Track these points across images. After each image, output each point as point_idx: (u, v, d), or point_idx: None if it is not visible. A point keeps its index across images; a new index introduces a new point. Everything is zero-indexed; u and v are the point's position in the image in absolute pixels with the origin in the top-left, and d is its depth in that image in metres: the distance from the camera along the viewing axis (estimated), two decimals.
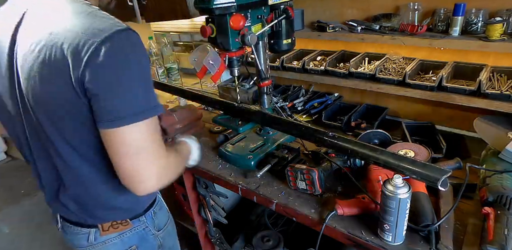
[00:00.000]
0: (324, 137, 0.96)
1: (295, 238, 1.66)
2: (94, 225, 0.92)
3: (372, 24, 1.48)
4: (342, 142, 0.93)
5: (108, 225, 0.92)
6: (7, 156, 3.66)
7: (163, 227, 1.05)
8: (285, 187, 1.16)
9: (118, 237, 0.94)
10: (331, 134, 0.96)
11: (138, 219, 0.96)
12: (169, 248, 1.11)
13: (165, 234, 1.06)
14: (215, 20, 1.07)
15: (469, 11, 1.28)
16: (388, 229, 0.87)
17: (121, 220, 0.93)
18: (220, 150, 1.37)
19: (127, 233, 0.95)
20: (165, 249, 1.08)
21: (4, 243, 2.47)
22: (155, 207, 1.02)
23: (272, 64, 1.75)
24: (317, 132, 0.99)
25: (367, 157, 0.88)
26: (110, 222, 0.92)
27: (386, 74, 1.44)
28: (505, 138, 1.12)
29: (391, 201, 0.83)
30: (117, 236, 0.94)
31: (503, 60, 1.32)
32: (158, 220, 1.02)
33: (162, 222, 1.04)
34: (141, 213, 0.97)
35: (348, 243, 0.97)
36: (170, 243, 1.11)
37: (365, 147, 0.89)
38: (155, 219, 1.01)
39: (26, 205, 2.84)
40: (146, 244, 1.00)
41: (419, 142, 1.30)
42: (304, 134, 1.04)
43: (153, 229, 1.00)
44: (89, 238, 0.93)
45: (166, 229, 1.06)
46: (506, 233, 0.81)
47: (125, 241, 0.95)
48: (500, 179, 0.96)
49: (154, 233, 1.01)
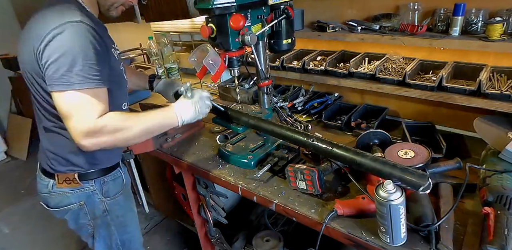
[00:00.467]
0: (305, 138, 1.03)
1: (295, 238, 1.66)
2: (52, 175, 1.14)
3: (372, 24, 1.48)
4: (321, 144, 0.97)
5: (63, 178, 1.13)
6: (7, 156, 3.65)
7: (112, 195, 1.21)
8: (285, 187, 1.16)
9: (70, 192, 1.15)
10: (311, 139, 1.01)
11: (88, 182, 1.15)
12: (117, 216, 1.25)
13: (113, 203, 1.22)
14: (215, 20, 1.07)
15: (469, 11, 1.28)
16: (384, 231, 0.87)
17: (74, 176, 1.12)
18: (220, 150, 1.37)
19: (78, 191, 1.15)
20: (111, 216, 1.23)
21: (4, 243, 2.48)
22: (108, 177, 1.19)
23: (272, 64, 1.75)
24: (292, 131, 1.05)
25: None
26: (64, 176, 1.13)
27: (386, 74, 1.44)
28: (505, 138, 1.12)
29: (383, 207, 0.83)
30: (69, 191, 1.15)
31: (503, 60, 1.32)
32: (107, 188, 1.19)
33: (111, 191, 1.21)
34: (92, 178, 1.15)
35: (348, 243, 0.97)
36: (119, 212, 1.25)
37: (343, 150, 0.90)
38: (104, 186, 1.18)
39: (26, 205, 2.84)
40: (92, 204, 1.19)
41: (419, 142, 1.30)
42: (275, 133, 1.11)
43: (100, 194, 1.18)
44: (48, 187, 1.16)
45: (115, 198, 1.22)
46: (506, 233, 0.81)
47: (75, 196, 1.16)
48: (500, 179, 0.96)
49: (101, 198, 1.19)
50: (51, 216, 1.23)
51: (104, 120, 0.93)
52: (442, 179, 1.08)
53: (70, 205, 1.17)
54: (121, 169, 1.26)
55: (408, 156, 1.07)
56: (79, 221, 1.22)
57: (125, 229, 1.30)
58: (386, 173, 0.87)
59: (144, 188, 2.40)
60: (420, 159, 1.05)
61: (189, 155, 1.42)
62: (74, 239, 2.32)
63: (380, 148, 1.19)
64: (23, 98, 3.72)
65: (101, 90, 0.95)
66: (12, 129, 3.76)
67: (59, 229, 2.46)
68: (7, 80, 3.68)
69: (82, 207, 1.18)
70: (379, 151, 1.17)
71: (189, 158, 1.39)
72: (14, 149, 3.65)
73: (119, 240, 1.29)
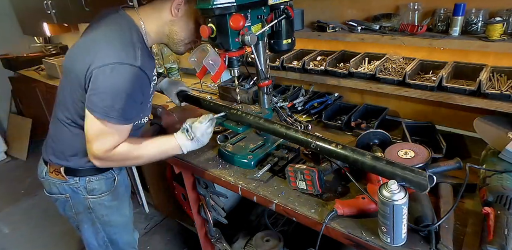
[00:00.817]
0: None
1: (295, 238, 1.66)
2: (47, 163, 1.22)
3: (372, 24, 1.48)
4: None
5: (53, 169, 1.20)
6: (7, 156, 3.66)
7: (97, 194, 1.24)
8: (285, 187, 1.16)
9: (58, 183, 1.22)
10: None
11: (73, 177, 1.20)
12: (102, 215, 1.28)
13: (97, 201, 1.25)
14: (215, 20, 1.07)
15: (469, 11, 1.28)
16: (385, 231, 0.87)
17: (60, 170, 1.19)
18: (220, 150, 1.37)
19: (63, 184, 1.21)
20: (96, 214, 1.27)
21: (4, 243, 2.48)
22: (94, 176, 1.22)
23: (272, 64, 1.74)
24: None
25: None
26: (54, 167, 1.20)
27: (386, 74, 1.44)
28: (505, 138, 1.12)
29: (386, 207, 0.83)
30: (57, 181, 1.22)
31: (503, 60, 1.32)
32: (92, 187, 1.23)
33: (97, 191, 1.24)
34: (78, 175, 1.20)
35: (348, 243, 0.97)
36: (103, 212, 1.28)
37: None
38: (89, 185, 1.22)
39: (26, 205, 2.84)
40: (76, 199, 1.24)
41: (419, 142, 1.30)
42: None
43: (84, 191, 1.22)
44: (43, 172, 1.24)
45: (100, 197, 1.25)
46: (506, 233, 0.81)
47: (61, 188, 1.23)
48: (500, 179, 0.96)
49: (85, 195, 1.23)
50: (51, 216, 1.28)
51: (117, 151, 1.04)
52: (442, 179, 1.07)
53: (58, 194, 1.24)
54: (114, 171, 1.28)
55: (408, 156, 1.07)
56: (66, 211, 1.29)
57: (112, 229, 1.33)
58: (390, 172, 0.86)
59: (144, 188, 2.40)
60: (420, 159, 1.05)
61: (189, 155, 1.41)
62: (74, 239, 2.32)
63: (380, 148, 1.19)
64: (23, 98, 3.72)
65: (128, 126, 1.05)
66: (12, 129, 3.76)
67: (59, 229, 2.45)
68: (7, 80, 3.68)
69: (68, 200, 1.24)
70: (379, 151, 1.17)
71: (189, 158, 1.39)
72: (14, 149, 3.65)
73: (107, 238, 1.33)
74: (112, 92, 0.96)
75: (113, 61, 0.95)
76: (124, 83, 0.96)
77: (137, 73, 0.98)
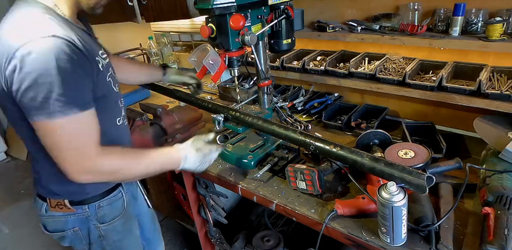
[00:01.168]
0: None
1: (295, 238, 1.66)
2: (45, 199, 1.04)
3: (372, 24, 1.48)
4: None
5: (55, 203, 1.03)
6: (7, 156, 3.65)
7: (108, 221, 1.10)
8: (285, 187, 1.16)
9: (63, 216, 1.05)
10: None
11: (81, 207, 1.04)
12: (114, 241, 1.14)
13: (110, 228, 1.11)
14: (215, 20, 1.07)
15: (469, 11, 1.28)
16: (385, 231, 0.87)
17: (64, 203, 1.02)
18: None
19: (71, 216, 1.05)
20: (108, 241, 1.13)
21: (4, 243, 2.47)
22: (104, 201, 1.07)
23: (272, 64, 1.75)
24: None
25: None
26: (56, 201, 1.02)
27: (386, 74, 1.44)
28: (505, 138, 1.12)
29: (385, 209, 0.83)
30: (62, 215, 1.05)
31: (503, 60, 1.32)
32: (102, 213, 1.07)
33: (108, 217, 1.09)
34: (86, 203, 1.04)
35: (348, 243, 0.97)
36: (116, 238, 1.14)
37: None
38: (100, 212, 1.07)
39: (26, 205, 2.83)
40: (87, 230, 1.09)
41: (419, 142, 1.30)
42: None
43: (94, 220, 1.07)
44: (42, 210, 1.07)
45: (112, 223, 1.11)
46: (506, 233, 0.81)
47: (68, 222, 1.06)
48: (500, 179, 0.96)
49: (95, 224, 1.08)
50: None
51: (105, 160, 0.87)
52: (442, 179, 1.07)
53: (64, 231, 1.08)
54: (123, 188, 1.13)
55: (408, 156, 1.07)
56: (75, 247, 1.14)
57: None
58: (389, 174, 0.86)
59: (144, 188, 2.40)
60: (420, 159, 1.05)
61: None
62: None
63: (380, 148, 1.19)
64: None
65: (88, 113, 0.83)
66: (12, 129, 3.76)
67: None
68: None
69: (77, 233, 1.09)
70: (379, 151, 1.17)
71: None
72: (14, 149, 3.65)
73: None
74: (36, 82, 0.74)
75: (19, 45, 0.74)
76: (45, 62, 0.74)
77: (54, 42, 0.75)
